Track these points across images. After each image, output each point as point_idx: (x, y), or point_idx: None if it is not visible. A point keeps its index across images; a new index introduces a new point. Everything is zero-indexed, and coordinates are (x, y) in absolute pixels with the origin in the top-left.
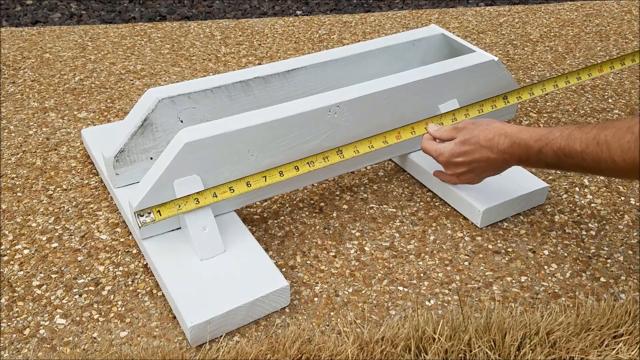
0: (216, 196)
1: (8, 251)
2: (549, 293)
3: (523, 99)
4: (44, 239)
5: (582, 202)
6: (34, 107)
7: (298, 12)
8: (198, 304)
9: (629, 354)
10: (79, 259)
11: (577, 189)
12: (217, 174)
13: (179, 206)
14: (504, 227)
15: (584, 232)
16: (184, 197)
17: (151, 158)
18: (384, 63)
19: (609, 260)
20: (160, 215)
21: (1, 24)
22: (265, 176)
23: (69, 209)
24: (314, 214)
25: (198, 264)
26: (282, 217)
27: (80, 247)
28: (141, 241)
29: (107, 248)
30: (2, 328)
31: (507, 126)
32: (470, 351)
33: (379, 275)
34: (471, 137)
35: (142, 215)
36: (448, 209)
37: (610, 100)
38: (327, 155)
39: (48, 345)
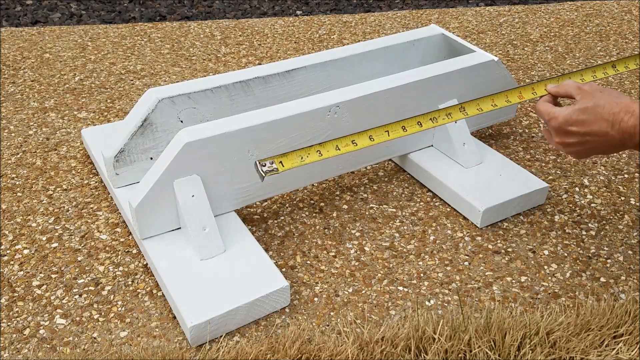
0: (339, 149)
1: (8, 251)
2: (549, 293)
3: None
4: (44, 239)
5: (582, 202)
6: (34, 107)
7: (298, 12)
8: (198, 304)
9: (629, 354)
10: (79, 259)
11: (577, 189)
12: (217, 174)
13: (302, 158)
14: (504, 227)
15: (584, 232)
16: (306, 147)
17: (151, 158)
18: (384, 63)
19: (609, 260)
20: (283, 166)
21: (1, 24)
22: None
23: (69, 209)
24: (314, 214)
25: (198, 264)
26: (282, 217)
27: (80, 247)
28: (141, 241)
29: (107, 248)
30: (2, 328)
31: (636, 104)
32: (470, 351)
33: (379, 275)
34: (595, 106)
35: (264, 165)
36: (448, 209)
37: None
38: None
39: (48, 345)
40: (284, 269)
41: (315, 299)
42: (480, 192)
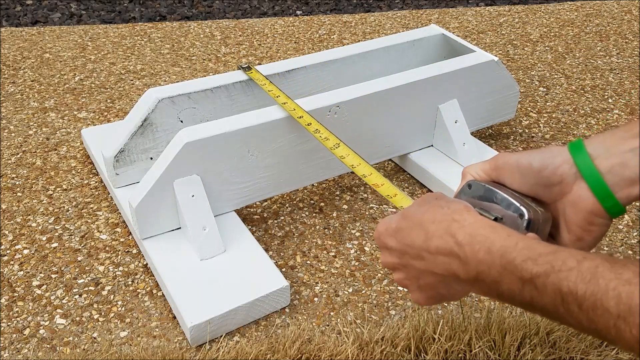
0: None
1: (8, 251)
2: None
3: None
4: (44, 239)
5: None
6: (34, 107)
7: (298, 12)
8: (198, 304)
9: (629, 354)
10: (79, 259)
11: None
12: (217, 174)
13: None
14: None
15: None
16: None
17: (151, 158)
18: (384, 63)
19: None
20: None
21: (1, 24)
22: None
23: (69, 209)
24: (314, 214)
25: (198, 264)
26: (282, 217)
27: (80, 247)
28: (141, 241)
29: (107, 248)
30: (2, 328)
31: (474, 216)
32: (470, 351)
33: (379, 275)
34: (416, 210)
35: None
36: None
37: (610, 100)
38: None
39: (48, 345)
40: (284, 269)
41: (315, 299)
42: None
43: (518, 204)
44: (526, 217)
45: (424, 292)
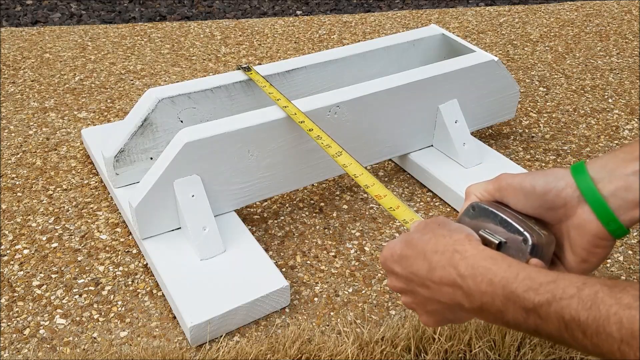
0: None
1: (8, 251)
2: None
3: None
4: (44, 239)
5: None
6: (34, 107)
7: (298, 12)
8: (198, 304)
9: None
10: (79, 259)
11: None
12: (217, 174)
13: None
14: None
15: None
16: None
17: (151, 158)
18: (384, 63)
19: (609, 260)
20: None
21: (1, 24)
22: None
23: (69, 209)
24: (314, 214)
25: (198, 264)
26: (282, 217)
27: (80, 247)
28: (141, 241)
29: (107, 248)
30: (2, 328)
31: (476, 246)
32: (470, 351)
33: (379, 275)
34: (419, 238)
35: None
36: (448, 209)
37: (610, 100)
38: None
39: (48, 345)
40: (284, 269)
41: (315, 299)
42: None
43: (522, 229)
44: (530, 242)
45: (431, 317)
